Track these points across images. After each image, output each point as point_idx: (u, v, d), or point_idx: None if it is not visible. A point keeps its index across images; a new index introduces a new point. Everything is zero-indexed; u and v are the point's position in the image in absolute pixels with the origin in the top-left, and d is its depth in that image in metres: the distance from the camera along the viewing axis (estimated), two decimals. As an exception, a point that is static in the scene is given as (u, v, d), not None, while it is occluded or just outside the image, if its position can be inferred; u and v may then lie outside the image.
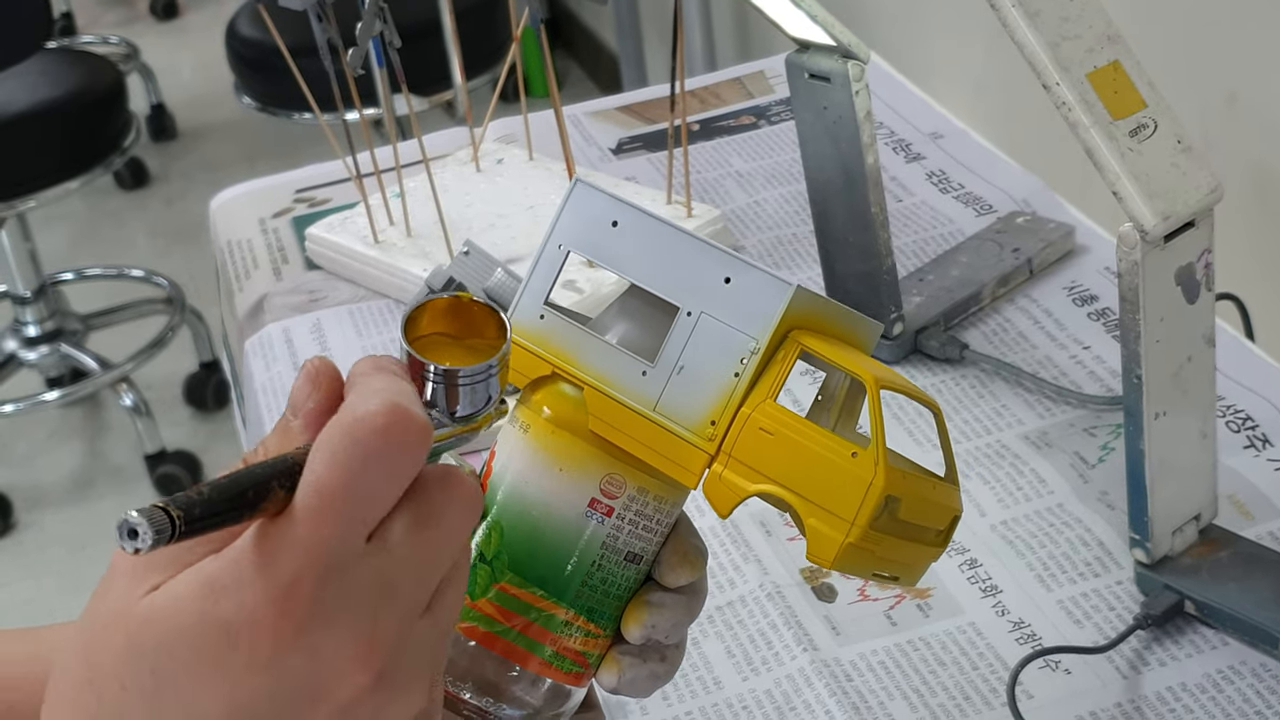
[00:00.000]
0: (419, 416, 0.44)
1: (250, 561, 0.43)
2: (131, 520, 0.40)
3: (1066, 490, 0.93)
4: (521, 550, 0.56)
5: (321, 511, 0.43)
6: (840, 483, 0.53)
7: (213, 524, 0.42)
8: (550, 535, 0.56)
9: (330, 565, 0.43)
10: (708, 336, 0.54)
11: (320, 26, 1.11)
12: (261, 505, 0.43)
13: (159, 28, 4.38)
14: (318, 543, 0.43)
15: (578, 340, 0.56)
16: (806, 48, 0.99)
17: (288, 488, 0.44)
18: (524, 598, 0.56)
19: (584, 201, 0.56)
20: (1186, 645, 0.82)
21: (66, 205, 3.12)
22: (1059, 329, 1.07)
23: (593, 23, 3.64)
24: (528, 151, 1.33)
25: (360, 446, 0.43)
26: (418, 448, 0.44)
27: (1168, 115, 0.77)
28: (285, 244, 1.31)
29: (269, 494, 0.43)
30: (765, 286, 0.54)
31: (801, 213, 1.25)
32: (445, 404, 0.49)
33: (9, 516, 2.60)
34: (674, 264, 0.55)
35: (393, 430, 0.44)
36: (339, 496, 0.43)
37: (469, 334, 0.51)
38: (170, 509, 0.40)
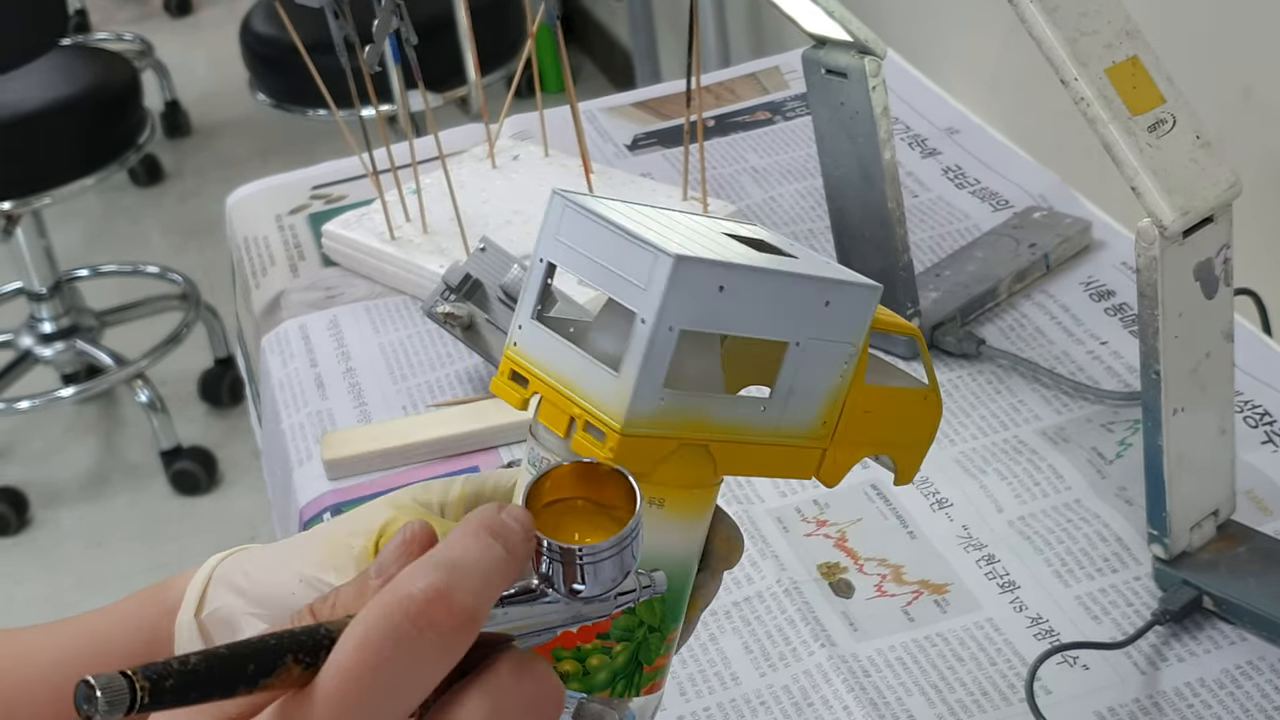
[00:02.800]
0: (463, 604, 0.41)
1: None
2: (86, 686, 0.37)
3: (1084, 486, 0.93)
4: (675, 605, 0.57)
5: (342, 696, 0.40)
6: (920, 424, 0.61)
7: (194, 698, 0.39)
8: (687, 577, 0.57)
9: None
10: (814, 357, 0.55)
11: (337, 23, 1.11)
12: (265, 681, 0.40)
13: (172, 24, 4.39)
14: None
15: (699, 407, 0.53)
16: (823, 43, 0.99)
17: (307, 664, 0.40)
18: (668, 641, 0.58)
19: (689, 278, 0.51)
20: (1205, 641, 0.82)
21: (81, 202, 3.13)
22: (1076, 324, 1.07)
23: (606, 18, 3.64)
24: (543, 148, 1.33)
25: (393, 630, 0.40)
26: (456, 639, 0.41)
27: (1186, 110, 0.76)
28: (302, 240, 1.31)
29: (276, 668, 0.40)
30: (858, 297, 0.55)
31: (817, 208, 1.25)
32: (563, 583, 0.45)
33: (24, 513, 2.61)
34: (780, 305, 0.53)
35: (427, 616, 0.40)
36: (359, 682, 0.40)
37: (604, 499, 0.48)
38: (136, 678, 0.37)
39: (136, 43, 3.72)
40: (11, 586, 2.48)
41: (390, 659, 0.40)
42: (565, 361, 0.53)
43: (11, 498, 2.60)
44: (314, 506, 1.01)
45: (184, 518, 2.58)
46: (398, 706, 0.41)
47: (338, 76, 1.20)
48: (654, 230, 0.52)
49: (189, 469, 2.61)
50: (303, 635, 0.41)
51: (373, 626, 0.40)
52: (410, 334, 1.16)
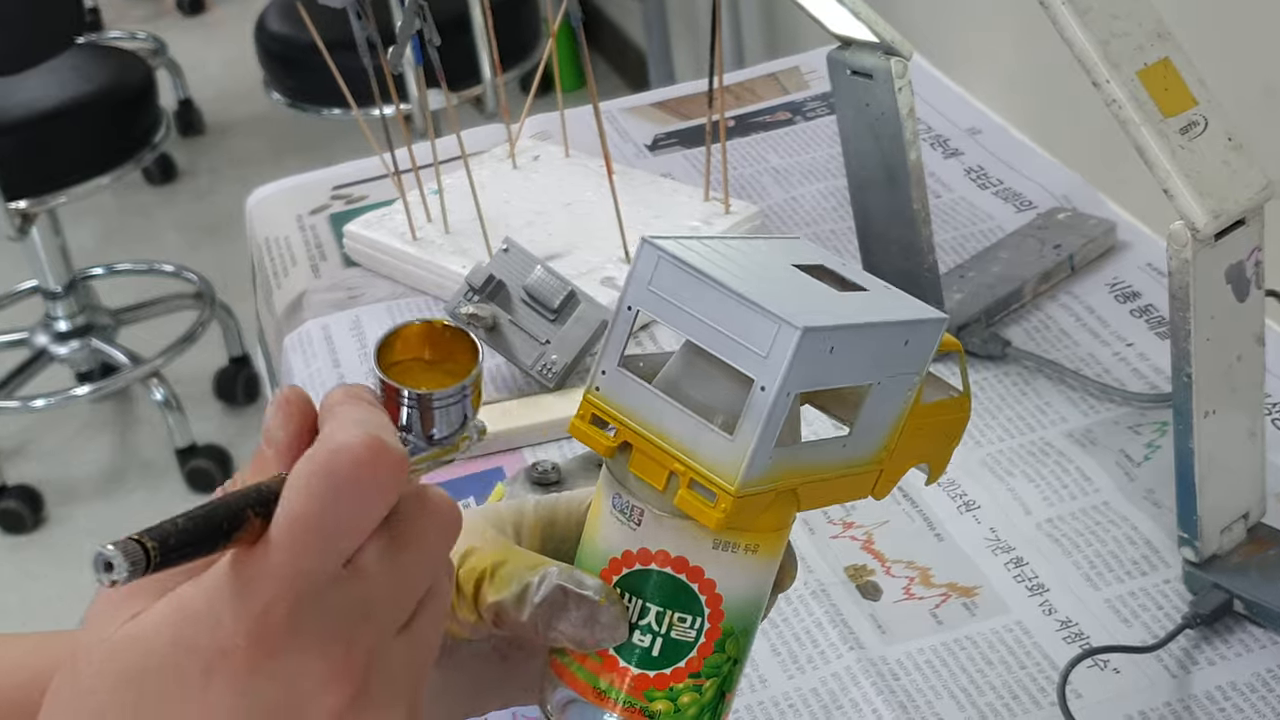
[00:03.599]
0: (395, 449, 0.45)
1: (225, 590, 0.44)
2: (106, 553, 0.40)
3: (1112, 488, 0.93)
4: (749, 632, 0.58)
5: (296, 543, 0.44)
6: (956, 427, 0.61)
7: (188, 554, 0.42)
8: (762, 609, 0.58)
9: (304, 593, 0.44)
10: (889, 391, 0.55)
11: (360, 24, 1.11)
12: (236, 535, 0.44)
13: (185, 23, 4.39)
14: (292, 573, 0.44)
15: (796, 456, 0.54)
16: (849, 44, 0.99)
17: (262, 516, 0.44)
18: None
19: (812, 346, 0.51)
20: (1235, 644, 0.81)
21: (96, 200, 3.13)
22: (1101, 326, 1.07)
23: (619, 17, 3.64)
24: (564, 148, 1.33)
25: (336, 478, 0.44)
26: (394, 480, 0.45)
27: (1218, 112, 0.76)
28: (323, 241, 1.31)
29: (244, 523, 0.44)
30: (931, 330, 0.56)
31: (839, 209, 1.25)
32: (420, 428, 0.50)
33: (40, 511, 2.61)
34: (872, 353, 0.54)
35: (369, 463, 0.44)
36: (314, 528, 0.44)
37: (443, 358, 0.51)
38: (145, 541, 0.41)
39: (150, 41, 3.72)
40: (27, 583, 2.49)
41: (336, 502, 0.44)
42: (663, 416, 0.53)
43: (27, 495, 2.60)
44: (339, 508, 1.00)
45: (199, 516, 2.58)
46: (345, 545, 0.45)
47: (353, 75, 1.20)
48: (761, 289, 0.52)
49: (204, 467, 2.62)
50: (253, 492, 0.44)
51: (315, 478, 0.44)
52: (433, 335, 1.16)
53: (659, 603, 0.55)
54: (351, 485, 0.44)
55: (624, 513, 0.55)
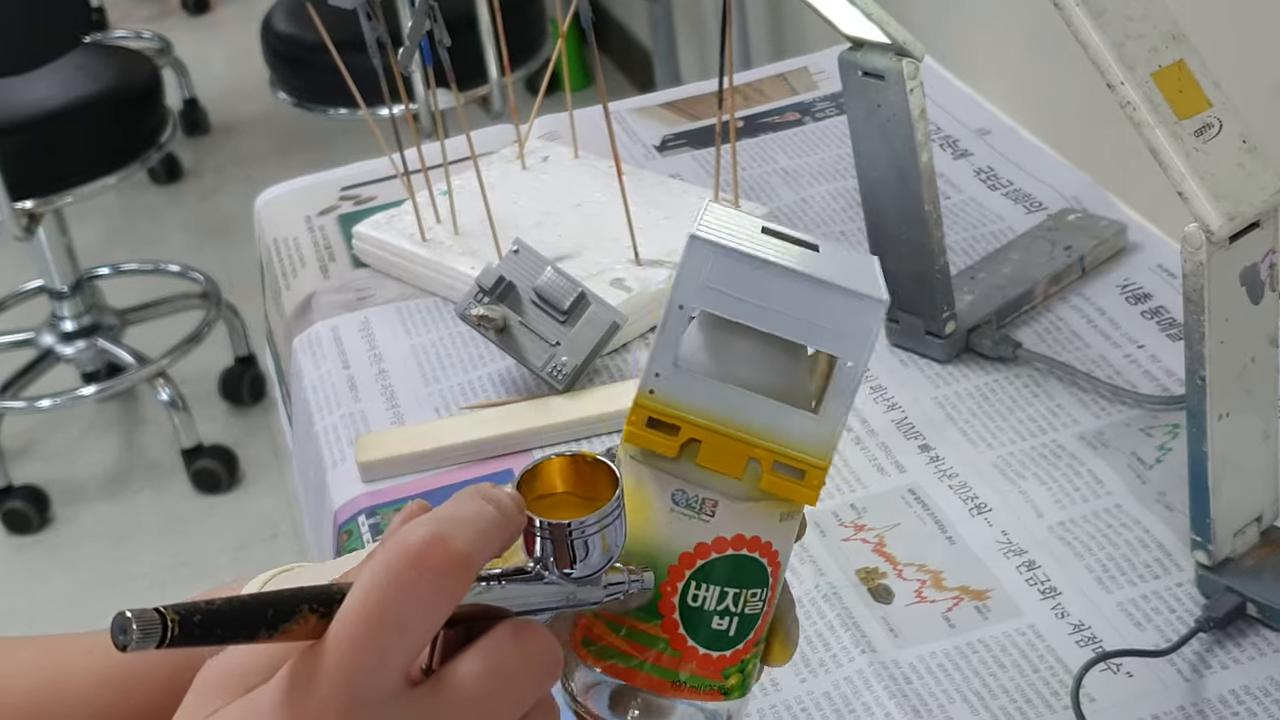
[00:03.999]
0: (456, 547, 0.44)
1: (284, 690, 0.43)
2: (123, 618, 0.40)
3: (1124, 491, 0.92)
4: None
5: (347, 641, 0.43)
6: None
7: (218, 637, 0.42)
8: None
9: (357, 698, 0.43)
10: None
11: (370, 25, 1.11)
12: (284, 626, 0.43)
13: (190, 22, 4.39)
14: (344, 673, 0.43)
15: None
16: (860, 45, 0.99)
17: (321, 613, 0.43)
18: None
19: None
20: (1249, 648, 0.81)
21: (101, 200, 3.13)
22: (1113, 328, 1.07)
23: (625, 17, 3.64)
24: (573, 149, 1.33)
25: (392, 574, 0.43)
26: (451, 580, 0.44)
27: (1233, 115, 0.76)
28: (332, 242, 1.31)
29: (294, 615, 0.43)
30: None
31: (849, 210, 1.25)
32: (555, 563, 0.49)
33: (46, 511, 2.61)
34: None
35: (425, 559, 0.43)
36: (366, 623, 0.43)
37: (592, 494, 0.51)
38: (167, 613, 0.40)
39: (155, 41, 3.72)
40: (33, 584, 2.49)
41: (394, 600, 0.43)
42: (738, 406, 0.54)
43: (33, 496, 2.60)
44: (349, 509, 1.01)
45: (204, 516, 2.59)
46: (404, 646, 0.43)
47: (359, 74, 1.20)
48: (821, 268, 0.54)
49: (210, 467, 2.62)
50: (316, 590, 0.44)
51: (376, 573, 0.43)
52: (442, 336, 1.16)
53: (736, 584, 0.56)
54: (407, 584, 0.43)
55: (691, 507, 0.55)
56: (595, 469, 0.51)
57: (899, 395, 1.03)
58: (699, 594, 0.55)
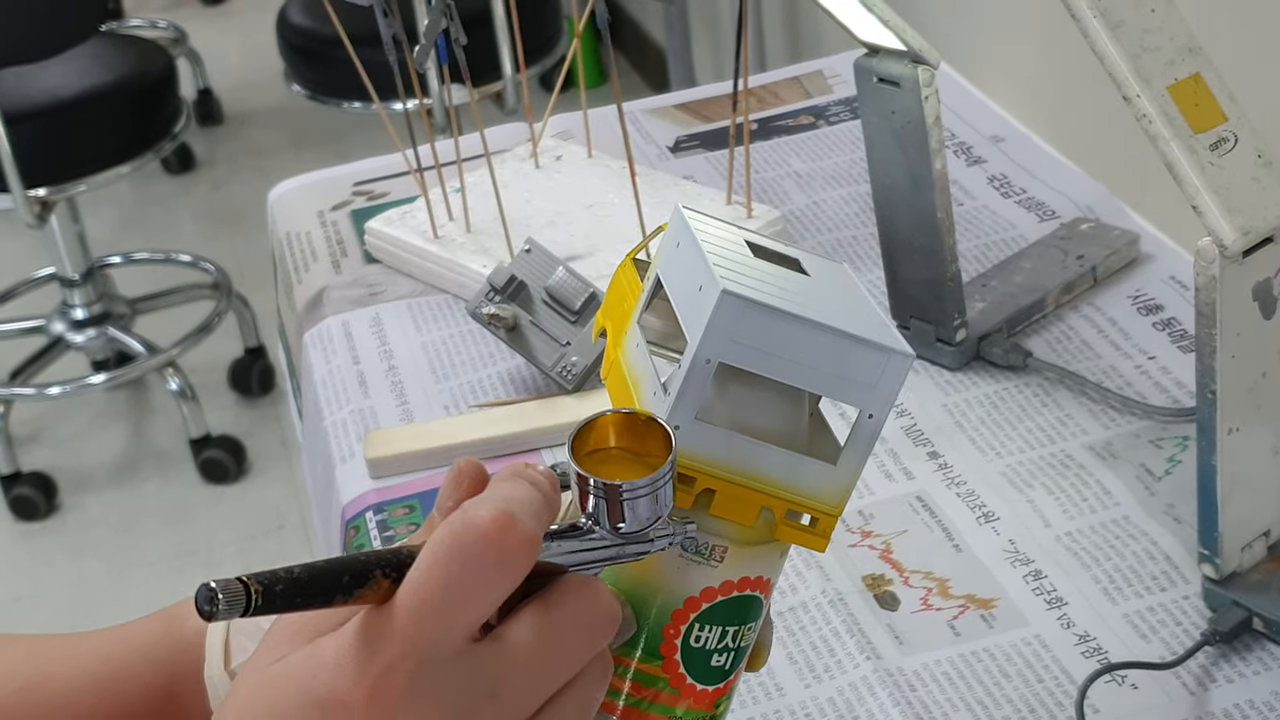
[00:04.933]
0: (525, 528, 0.46)
1: (353, 645, 0.45)
2: (208, 589, 0.42)
3: (1132, 502, 0.92)
4: None
5: (418, 608, 0.45)
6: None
7: (298, 603, 0.44)
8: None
9: (424, 660, 0.45)
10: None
11: (386, 22, 1.11)
12: (358, 591, 0.45)
13: (206, 12, 4.40)
14: (413, 637, 0.45)
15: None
16: (876, 51, 0.99)
17: (394, 578, 0.45)
18: None
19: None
20: (1254, 662, 0.81)
21: (113, 189, 3.14)
22: (1123, 338, 1.07)
23: (640, 16, 3.64)
24: (586, 148, 1.33)
25: (462, 550, 0.45)
26: (520, 556, 0.46)
27: (1248, 129, 0.76)
28: (344, 237, 1.31)
29: (368, 581, 0.45)
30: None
31: (861, 214, 1.25)
32: (608, 519, 0.50)
33: (53, 498, 2.62)
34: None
35: (495, 538, 0.45)
36: (435, 595, 0.45)
37: (642, 450, 0.51)
38: (250, 582, 0.42)
39: (170, 30, 3.72)
40: (41, 570, 2.49)
41: (460, 573, 0.45)
42: (753, 457, 0.54)
43: (41, 483, 2.61)
44: (356, 505, 1.01)
45: (212, 506, 2.59)
46: (468, 617, 0.45)
47: (374, 69, 1.20)
48: (846, 318, 0.53)
49: (218, 457, 2.62)
50: (388, 554, 0.46)
51: (443, 544, 0.45)
52: (453, 333, 1.16)
53: (737, 622, 0.56)
54: (476, 558, 0.45)
55: (701, 553, 0.55)
56: (649, 426, 0.51)
57: (908, 402, 1.03)
58: (702, 635, 0.56)
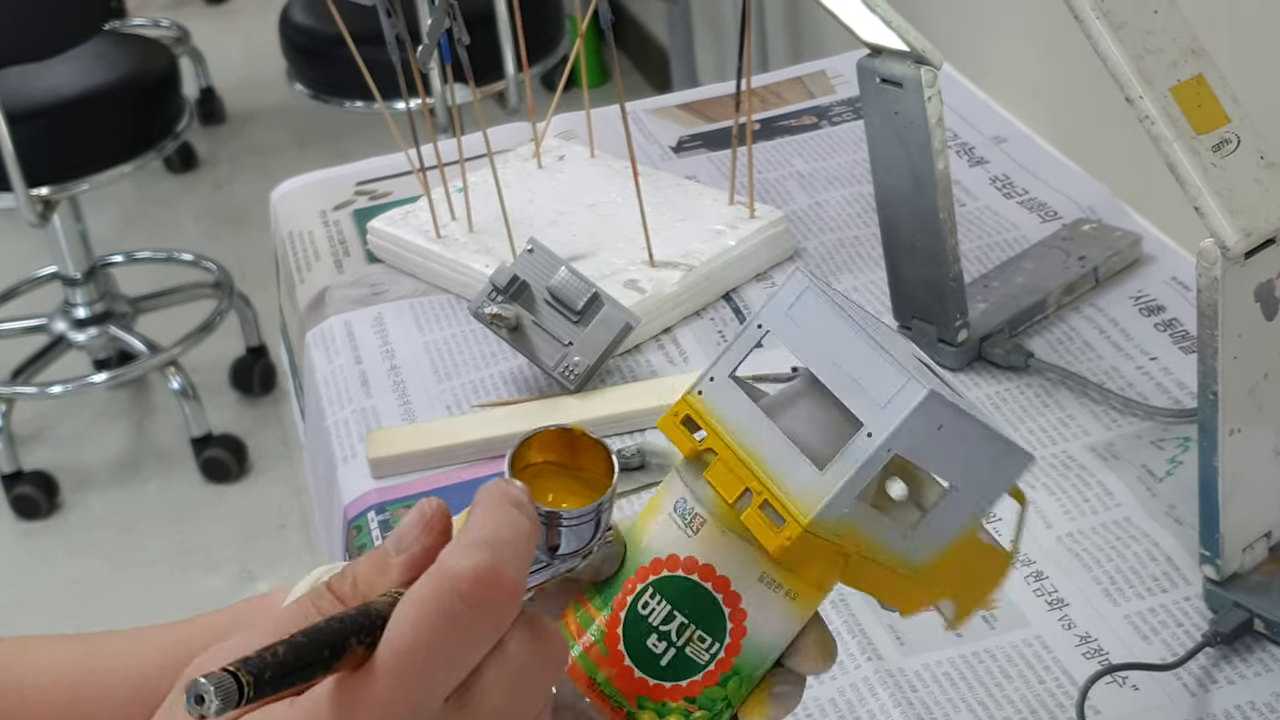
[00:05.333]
0: (509, 579, 0.44)
1: (326, 712, 0.43)
2: (199, 686, 0.40)
3: (1134, 503, 0.92)
4: (750, 683, 0.58)
5: (402, 674, 0.43)
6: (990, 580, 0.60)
7: (285, 684, 0.42)
8: (769, 663, 0.58)
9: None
10: (961, 501, 0.56)
11: (390, 21, 1.11)
12: (335, 664, 0.43)
13: (208, 11, 4.40)
14: (396, 703, 0.43)
15: (862, 522, 0.54)
16: (879, 52, 0.99)
17: (367, 643, 0.43)
18: None
19: (928, 412, 0.52)
20: (1255, 664, 0.81)
21: (116, 187, 3.14)
22: (1125, 339, 1.07)
23: (642, 16, 3.64)
24: (589, 148, 1.33)
25: (445, 609, 0.43)
26: (507, 611, 0.44)
27: (1251, 130, 0.76)
28: (346, 236, 1.31)
29: (345, 651, 0.43)
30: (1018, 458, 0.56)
31: (864, 215, 1.25)
32: (545, 541, 0.49)
33: (55, 497, 2.62)
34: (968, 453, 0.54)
35: (481, 597, 0.43)
36: (420, 659, 0.43)
37: (578, 465, 0.51)
38: (240, 674, 0.41)
39: (173, 29, 3.73)
40: (41, 569, 2.49)
41: (445, 636, 0.43)
42: (759, 434, 0.54)
43: (42, 481, 2.61)
44: (358, 505, 1.01)
45: (213, 505, 2.59)
46: (451, 679, 0.43)
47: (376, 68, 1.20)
48: (893, 351, 0.54)
49: (219, 456, 2.62)
50: (359, 617, 0.44)
51: (426, 605, 0.43)
52: (455, 333, 1.16)
53: (687, 615, 0.55)
54: (461, 618, 0.43)
55: (684, 517, 0.56)
56: (582, 442, 0.51)
57: (910, 402, 1.03)
58: (650, 604, 0.55)
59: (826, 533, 0.53)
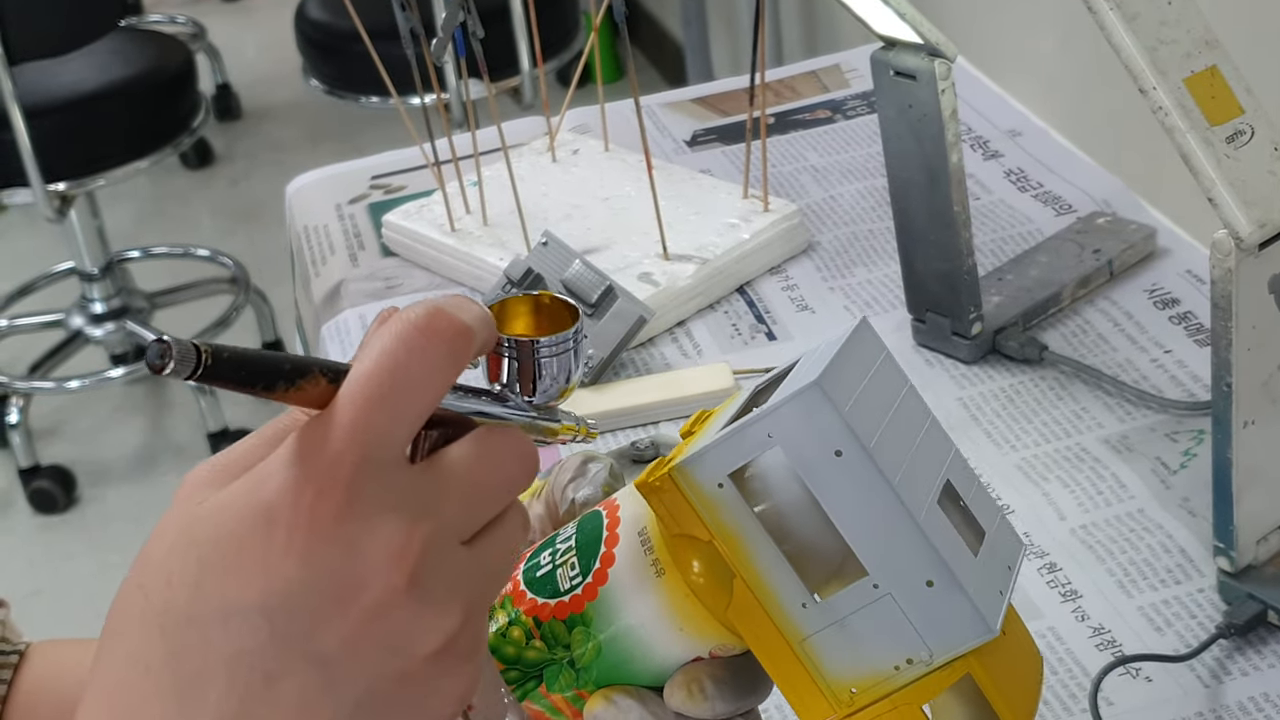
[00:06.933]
0: (461, 318, 0.46)
1: (294, 448, 0.44)
2: (161, 344, 0.41)
3: (1147, 495, 0.92)
4: (611, 674, 0.57)
5: (361, 397, 0.44)
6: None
7: (243, 378, 0.43)
8: (645, 673, 0.57)
9: (369, 455, 0.44)
10: (885, 617, 0.52)
11: (404, 16, 1.12)
12: (298, 382, 0.44)
13: (224, 8, 4.41)
14: (358, 428, 0.44)
15: (750, 531, 0.53)
16: (893, 45, 0.99)
17: (330, 378, 0.45)
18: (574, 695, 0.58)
19: (814, 411, 0.50)
20: (1269, 655, 0.81)
21: (132, 183, 3.15)
22: (1140, 332, 1.07)
23: (657, 10, 3.64)
24: (603, 142, 1.33)
25: (401, 340, 0.45)
26: (456, 343, 0.46)
27: (1265, 121, 0.76)
28: (361, 230, 1.31)
29: (307, 374, 0.44)
30: (964, 617, 0.51)
31: (878, 208, 1.25)
32: (520, 383, 0.50)
33: (72, 491, 2.63)
34: (884, 533, 0.51)
35: (433, 327, 0.45)
36: (378, 383, 0.44)
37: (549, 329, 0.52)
38: (201, 346, 0.42)
39: (189, 25, 3.74)
40: (59, 563, 2.50)
41: (404, 363, 0.45)
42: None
43: (59, 476, 2.62)
44: (373, 497, 1.01)
45: (230, 500, 2.60)
46: (412, 409, 0.45)
47: (392, 63, 1.21)
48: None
49: (235, 452, 2.63)
50: (328, 361, 0.46)
51: (385, 339, 0.45)
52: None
53: (577, 540, 0.57)
54: (416, 346, 0.45)
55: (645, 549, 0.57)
56: (554, 310, 0.52)
57: (923, 395, 1.03)
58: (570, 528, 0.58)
59: (696, 499, 0.53)
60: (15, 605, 0.80)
